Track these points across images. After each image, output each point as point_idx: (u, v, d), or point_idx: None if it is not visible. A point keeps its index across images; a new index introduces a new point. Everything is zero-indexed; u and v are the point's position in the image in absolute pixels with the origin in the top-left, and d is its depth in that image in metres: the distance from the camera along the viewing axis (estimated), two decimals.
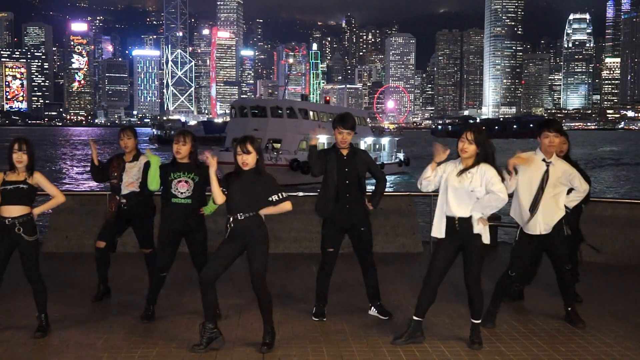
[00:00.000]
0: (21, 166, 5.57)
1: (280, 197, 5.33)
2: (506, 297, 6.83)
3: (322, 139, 46.54)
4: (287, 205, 5.38)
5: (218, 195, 5.31)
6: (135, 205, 6.68)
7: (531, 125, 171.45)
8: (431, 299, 5.50)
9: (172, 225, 6.02)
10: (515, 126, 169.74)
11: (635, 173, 58.89)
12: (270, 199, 5.32)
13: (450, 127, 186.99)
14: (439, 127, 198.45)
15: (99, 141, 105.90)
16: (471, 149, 5.22)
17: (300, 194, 9.71)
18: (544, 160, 5.83)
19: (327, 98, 68.86)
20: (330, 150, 6.27)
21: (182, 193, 5.97)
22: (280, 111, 44.95)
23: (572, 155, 6.67)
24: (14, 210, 5.57)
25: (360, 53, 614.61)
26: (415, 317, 5.54)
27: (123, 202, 6.66)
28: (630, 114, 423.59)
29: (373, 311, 6.45)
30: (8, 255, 5.69)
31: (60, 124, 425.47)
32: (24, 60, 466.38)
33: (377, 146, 55.21)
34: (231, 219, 5.30)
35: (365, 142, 50.76)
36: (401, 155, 54.17)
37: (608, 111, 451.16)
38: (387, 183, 5.72)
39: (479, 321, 5.51)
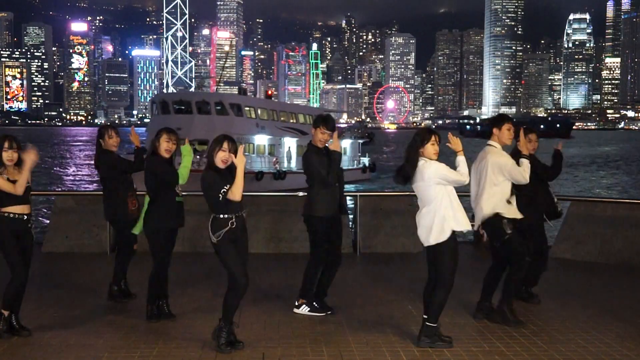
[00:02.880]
0: (12, 163, 5.55)
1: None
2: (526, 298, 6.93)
3: (263, 140, 40.35)
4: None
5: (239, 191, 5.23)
6: (139, 203, 6.80)
7: (558, 125, 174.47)
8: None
9: (174, 223, 6.14)
10: (542, 126, 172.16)
11: (633, 173, 58.88)
12: None
13: (479, 127, 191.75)
14: (468, 127, 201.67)
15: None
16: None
17: (300, 194, 9.71)
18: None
19: (270, 92, 57.30)
20: (319, 150, 6.40)
21: (181, 192, 6.19)
22: (208, 107, 38.73)
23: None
24: (26, 209, 5.67)
25: (360, 53, 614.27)
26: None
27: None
28: (630, 114, 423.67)
29: (304, 309, 6.42)
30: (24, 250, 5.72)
31: (60, 124, 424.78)
32: (24, 60, 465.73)
33: None
34: (233, 217, 5.26)
35: None
36: (366, 160, 48.03)
37: (608, 111, 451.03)
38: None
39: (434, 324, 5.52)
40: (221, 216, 5.23)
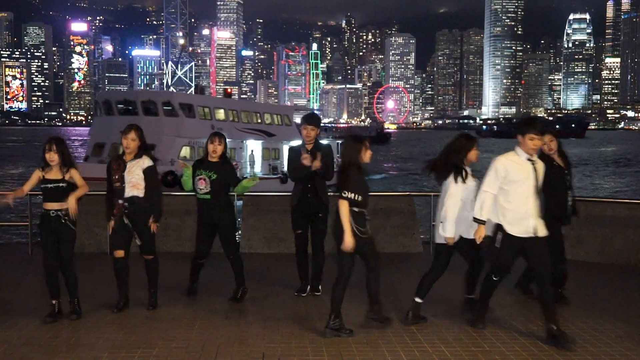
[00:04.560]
0: (54, 164, 6.11)
1: None
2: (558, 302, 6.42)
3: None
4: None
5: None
6: (138, 209, 6.48)
7: (573, 125, 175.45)
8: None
9: (203, 219, 6.80)
10: (557, 126, 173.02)
11: (635, 173, 58.86)
12: None
13: (495, 127, 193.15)
14: (484, 127, 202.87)
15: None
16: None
17: None
18: (529, 159, 5.63)
19: (229, 90, 51.02)
20: (299, 148, 7.07)
21: (201, 190, 6.67)
22: (155, 107, 34.40)
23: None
24: (55, 205, 6.16)
25: (360, 53, 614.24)
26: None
27: (125, 205, 6.47)
28: (630, 114, 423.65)
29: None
30: (55, 244, 6.21)
31: (60, 124, 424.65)
32: (24, 60, 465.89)
33: None
34: (365, 212, 5.74)
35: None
36: None
37: (608, 111, 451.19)
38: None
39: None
40: (361, 210, 5.75)
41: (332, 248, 6.68)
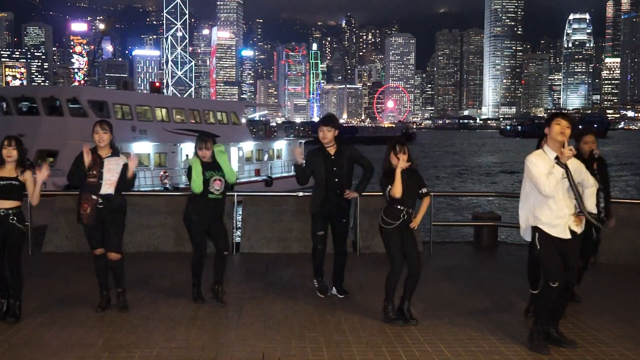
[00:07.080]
0: (10, 160, 5.95)
1: (425, 190, 6.18)
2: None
3: (145, 149, 30.69)
4: (426, 202, 6.25)
5: (399, 188, 5.96)
6: (112, 206, 6.38)
7: (595, 125, 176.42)
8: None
9: (205, 217, 6.71)
10: (580, 126, 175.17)
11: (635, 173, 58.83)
12: (420, 191, 6.16)
13: (519, 127, 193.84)
14: (508, 127, 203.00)
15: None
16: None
17: (300, 194, 9.71)
18: (556, 159, 5.24)
19: (157, 84, 41.08)
20: (318, 151, 6.89)
21: (217, 190, 6.73)
22: (58, 105, 28.81)
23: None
24: (6, 204, 5.95)
25: (360, 53, 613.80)
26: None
27: (100, 202, 6.31)
28: (630, 114, 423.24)
29: (332, 290, 7.16)
30: (4, 245, 5.96)
31: None
32: (24, 60, 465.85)
33: (267, 154, 38.79)
34: (404, 211, 6.03)
35: (242, 150, 36.07)
36: None
37: (608, 111, 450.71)
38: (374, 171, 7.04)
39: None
40: (397, 207, 6.04)
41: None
